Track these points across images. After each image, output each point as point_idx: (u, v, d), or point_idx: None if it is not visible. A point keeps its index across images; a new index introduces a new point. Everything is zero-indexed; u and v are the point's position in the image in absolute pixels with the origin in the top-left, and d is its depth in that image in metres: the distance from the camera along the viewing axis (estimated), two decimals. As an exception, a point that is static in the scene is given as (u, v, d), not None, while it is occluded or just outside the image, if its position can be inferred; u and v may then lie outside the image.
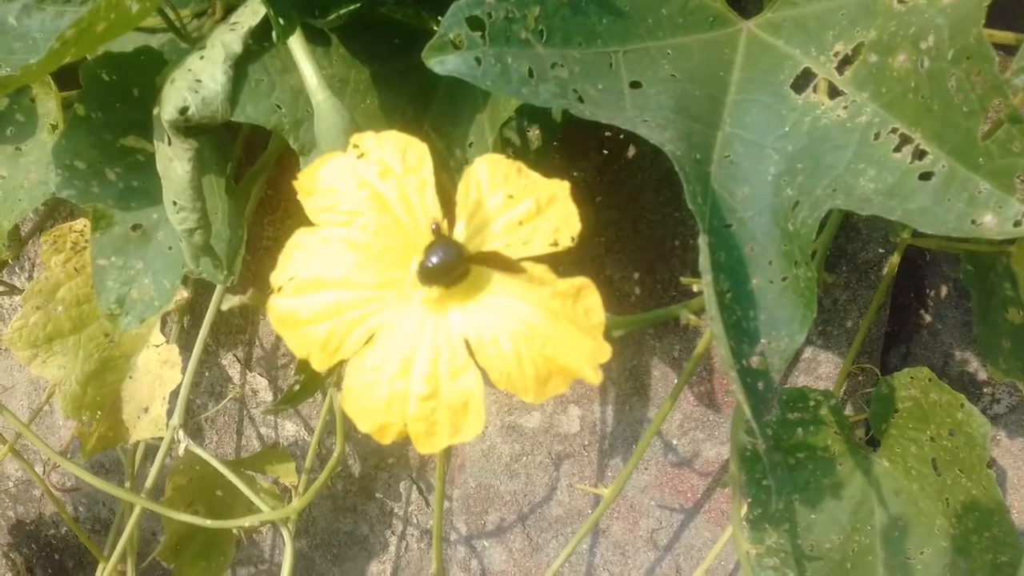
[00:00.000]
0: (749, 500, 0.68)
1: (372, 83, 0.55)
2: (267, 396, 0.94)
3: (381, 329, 0.34)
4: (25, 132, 0.67)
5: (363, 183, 0.34)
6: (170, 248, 0.62)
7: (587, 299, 0.34)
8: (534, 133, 0.67)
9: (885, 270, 0.74)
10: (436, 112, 0.58)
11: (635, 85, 0.46)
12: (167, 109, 0.50)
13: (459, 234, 0.34)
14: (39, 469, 1.01)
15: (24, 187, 0.65)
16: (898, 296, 0.80)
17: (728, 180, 0.46)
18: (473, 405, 0.33)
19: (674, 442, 0.84)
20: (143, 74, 0.59)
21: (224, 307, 0.37)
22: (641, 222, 0.78)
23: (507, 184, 0.35)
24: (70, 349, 0.74)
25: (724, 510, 0.85)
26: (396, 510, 0.97)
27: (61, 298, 0.73)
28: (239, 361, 0.93)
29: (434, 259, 0.33)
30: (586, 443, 0.86)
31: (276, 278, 0.35)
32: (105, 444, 0.77)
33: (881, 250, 0.75)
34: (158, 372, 0.75)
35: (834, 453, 0.69)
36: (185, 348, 0.81)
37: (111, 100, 0.61)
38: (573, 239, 0.34)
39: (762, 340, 0.45)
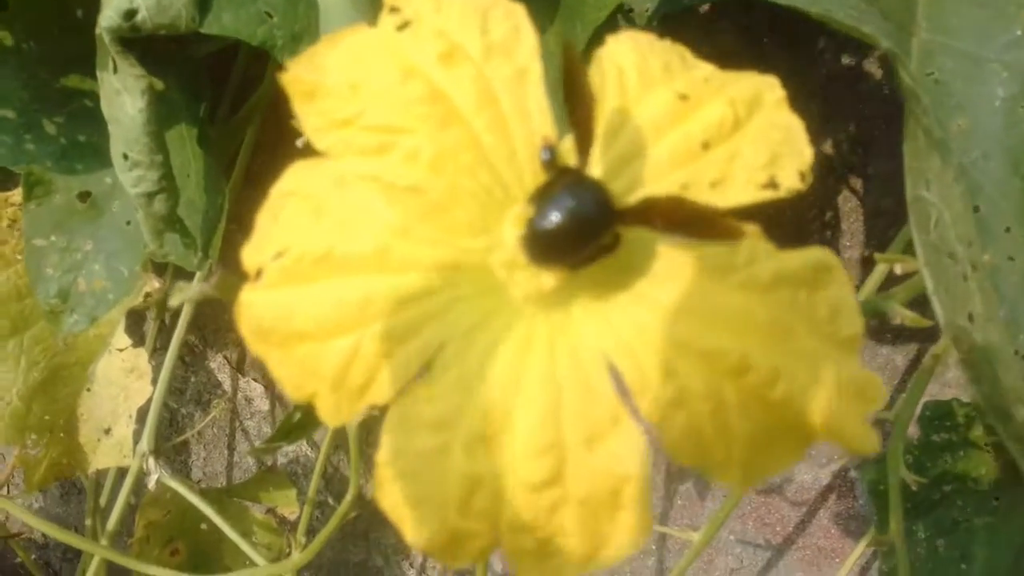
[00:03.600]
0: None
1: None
2: (262, 405, 0.80)
3: (449, 347, 0.17)
4: (-55, 79, 0.52)
5: (410, 73, 0.18)
6: (128, 223, 0.48)
7: (830, 288, 0.18)
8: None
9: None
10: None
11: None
12: (107, 14, 0.35)
13: (593, 168, 0.18)
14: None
15: (-58, 148, 0.51)
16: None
17: (935, 108, 0.32)
18: (628, 496, 0.17)
19: (761, 464, 0.68)
20: (85, -16, 0.43)
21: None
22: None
23: (671, 78, 0.19)
24: (10, 355, 0.58)
25: (822, 547, 0.70)
26: (417, 539, 0.81)
27: (-5, 290, 0.57)
28: (229, 364, 0.78)
29: (555, 216, 0.16)
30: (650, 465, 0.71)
31: (252, 254, 0.19)
32: (58, 474, 0.61)
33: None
34: (123, 383, 0.59)
35: (989, 485, 0.54)
36: (166, 351, 0.66)
37: (47, 25, 0.47)
38: (804, 177, 0.18)
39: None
